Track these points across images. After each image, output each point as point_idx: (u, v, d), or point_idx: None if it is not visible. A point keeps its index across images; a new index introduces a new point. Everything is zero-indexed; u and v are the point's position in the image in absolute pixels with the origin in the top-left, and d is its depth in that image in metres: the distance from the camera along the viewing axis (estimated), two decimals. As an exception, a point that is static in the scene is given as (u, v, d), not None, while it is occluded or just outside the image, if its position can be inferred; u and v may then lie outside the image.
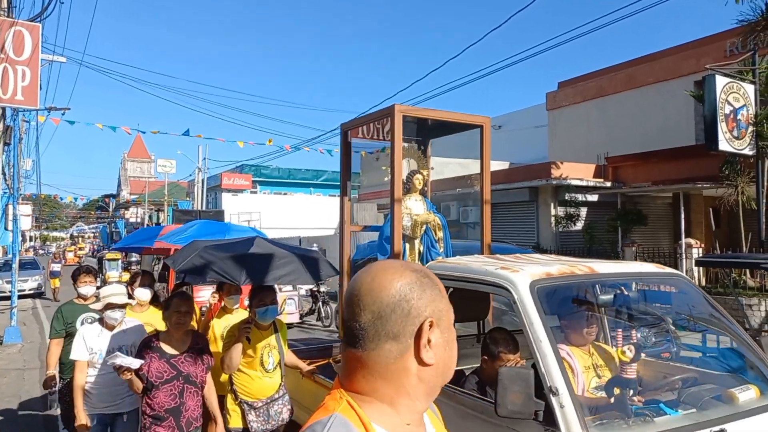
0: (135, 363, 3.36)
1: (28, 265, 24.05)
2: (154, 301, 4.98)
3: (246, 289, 4.39)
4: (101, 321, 4.16)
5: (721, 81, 13.90)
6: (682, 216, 16.12)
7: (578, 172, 17.58)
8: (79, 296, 4.91)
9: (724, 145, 13.59)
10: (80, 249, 59.60)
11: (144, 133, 18.92)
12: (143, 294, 4.83)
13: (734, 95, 14.12)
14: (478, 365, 3.33)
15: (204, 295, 8.82)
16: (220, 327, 4.73)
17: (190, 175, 37.51)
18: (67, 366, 4.57)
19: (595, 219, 17.11)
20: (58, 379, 4.64)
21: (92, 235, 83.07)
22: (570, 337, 3.24)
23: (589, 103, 19.56)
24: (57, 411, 4.72)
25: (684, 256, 15.17)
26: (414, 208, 5.11)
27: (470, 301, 3.72)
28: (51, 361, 4.70)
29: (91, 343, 4.03)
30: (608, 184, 17.67)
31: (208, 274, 3.73)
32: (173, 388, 3.49)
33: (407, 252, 4.83)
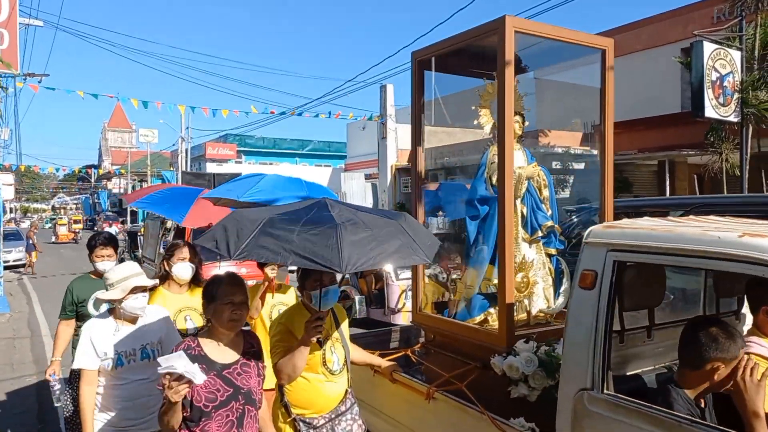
0: (199, 375, 2.32)
1: (11, 236, 24.04)
2: (195, 281, 4.00)
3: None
4: (112, 312, 3.21)
5: (708, 47, 14.07)
6: (668, 183, 16.47)
7: (566, 140, 17.71)
8: (96, 272, 4.11)
9: (710, 112, 13.84)
10: (75, 222, 45.48)
11: (126, 101, 18.80)
12: (185, 271, 3.90)
13: (721, 62, 14.31)
14: (661, 370, 2.88)
15: (218, 273, 8.33)
16: (268, 308, 4.20)
17: (173, 145, 37.26)
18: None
19: (581, 187, 17.39)
20: (59, 372, 4.01)
21: (74, 206, 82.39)
22: None
23: (577, 70, 19.56)
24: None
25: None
26: (516, 161, 3.85)
27: (646, 281, 2.83)
28: (58, 345, 4.15)
29: (102, 346, 3.10)
30: (595, 152, 17.85)
31: (288, 260, 2.46)
32: (230, 413, 2.55)
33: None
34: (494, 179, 3.83)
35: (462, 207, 4.05)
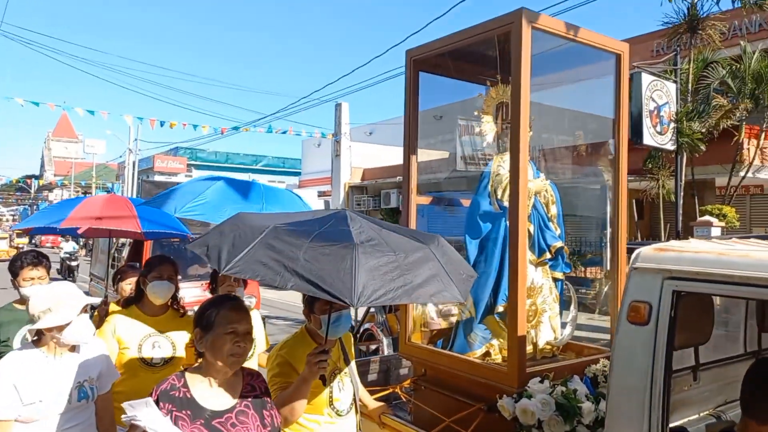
0: (169, 429, 1.87)
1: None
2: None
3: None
4: (40, 341, 2.44)
5: (646, 79, 14.31)
6: (608, 207, 16.60)
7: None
8: (23, 299, 3.08)
9: (648, 140, 14.01)
10: (18, 235, 34.32)
11: (70, 110, 17.50)
12: (163, 290, 3.20)
13: (658, 92, 14.55)
14: (709, 419, 2.45)
15: (187, 294, 6.41)
16: None
17: (121, 157, 35.42)
18: None
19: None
20: None
21: (11, 217, 77.37)
22: None
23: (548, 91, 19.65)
24: None
25: (608, 246, 15.63)
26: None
27: (697, 314, 2.31)
28: None
29: (26, 387, 2.31)
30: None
31: (288, 283, 1.92)
32: None
33: (509, 233, 3.17)
34: (500, 193, 3.31)
35: (459, 223, 3.50)
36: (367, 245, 2.02)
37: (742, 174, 14.75)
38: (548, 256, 3.29)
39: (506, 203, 3.34)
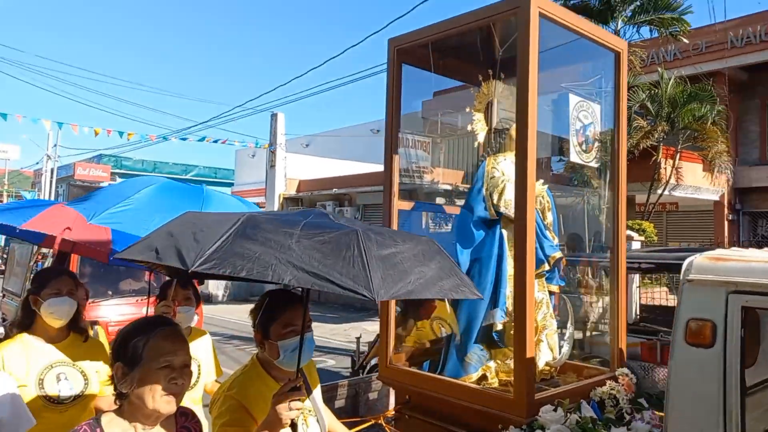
0: None
1: None
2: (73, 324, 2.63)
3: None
4: None
5: (573, 99, 14.70)
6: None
7: (449, 177, 17.77)
8: None
9: (574, 157, 14.38)
10: None
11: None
12: (61, 309, 2.52)
13: (584, 113, 14.98)
14: None
15: (108, 313, 5.84)
16: None
17: (38, 163, 32.78)
18: None
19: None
20: None
21: None
22: None
23: (461, 113, 19.88)
24: None
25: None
26: (514, 175, 3.15)
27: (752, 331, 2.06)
28: None
29: None
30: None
31: (285, 276, 1.52)
32: None
33: (506, 239, 2.98)
34: (496, 198, 2.95)
35: (447, 231, 3.11)
36: (369, 233, 1.65)
37: (659, 192, 15.38)
38: (546, 267, 2.96)
39: (503, 209, 3.00)
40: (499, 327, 2.78)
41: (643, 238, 14.23)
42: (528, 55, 2.57)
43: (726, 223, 15.55)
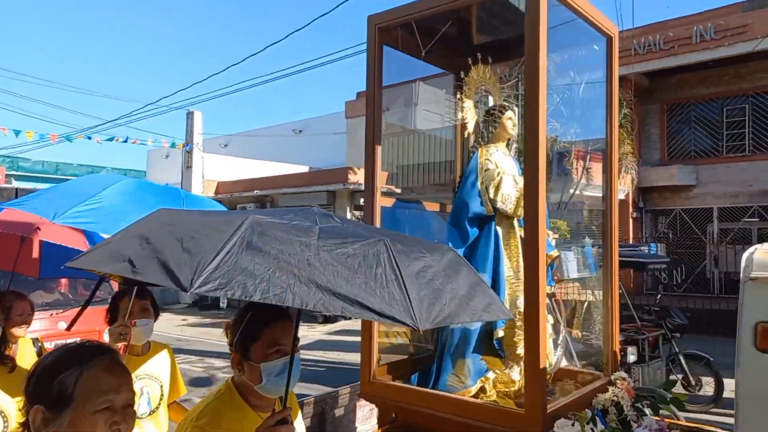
0: None
1: None
2: None
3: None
4: None
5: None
6: (459, 220, 17.30)
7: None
8: None
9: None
10: None
11: None
12: None
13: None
14: None
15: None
16: None
17: None
18: None
19: (388, 226, 17.23)
20: None
21: None
22: None
23: (384, 113, 19.83)
24: None
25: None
26: (508, 168, 2.98)
27: None
28: None
29: None
30: (399, 190, 18.08)
31: (309, 303, 1.17)
32: None
33: (501, 237, 2.75)
34: (492, 192, 2.69)
35: (435, 228, 2.81)
36: (396, 242, 1.36)
37: (571, 191, 15.96)
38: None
39: (500, 204, 2.75)
40: (500, 334, 2.52)
41: (557, 236, 14.78)
42: (537, 32, 2.33)
43: (631, 220, 16.43)
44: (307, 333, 13.01)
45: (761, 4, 14.06)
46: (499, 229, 2.79)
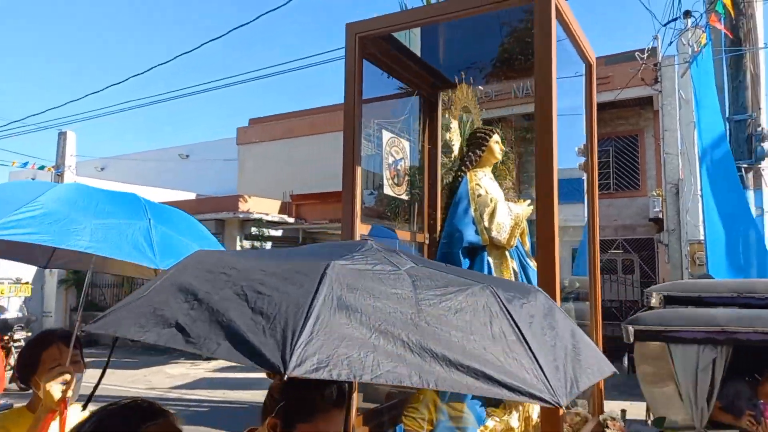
0: None
1: None
2: None
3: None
4: None
5: (386, 135, 15.34)
6: (352, 250, 17.27)
7: (264, 207, 17.21)
8: None
9: (387, 190, 14.90)
10: None
11: None
12: None
13: (395, 148, 15.64)
14: None
15: None
16: None
17: None
18: None
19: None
20: None
21: None
22: None
23: (278, 142, 19.37)
24: None
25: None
26: (497, 194, 2.82)
27: None
28: None
29: None
30: (291, 219, 17.71)
31: (443, 382, 0.90)
32: None
33: (493, 270, 2.52)
34: (487, 220, 2.52)
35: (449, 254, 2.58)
36: (497, 285, 1.12)
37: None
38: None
39: (494, 233, 2.57)
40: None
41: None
42: (549, 38, 2.13)
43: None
44: (189, 371, 12.09)
45: (619, 59, 15.72)
46: (490, 260, 2.60)
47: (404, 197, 17.99)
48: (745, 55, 7.68)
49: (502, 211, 2.70)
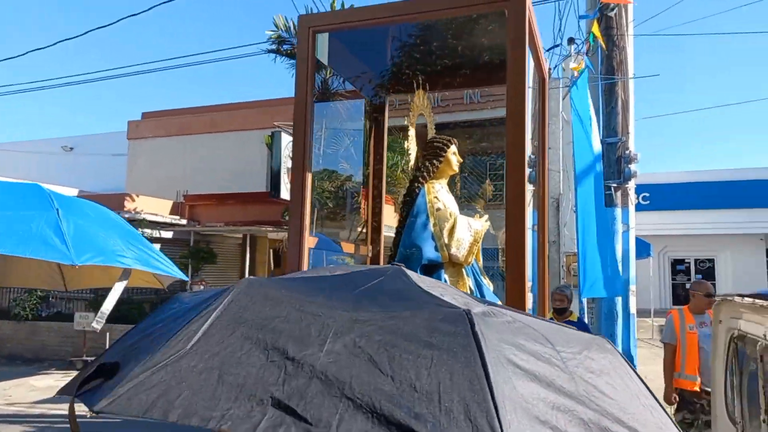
0: None
1: None
2: None
3: None
4: None
5: (285, 138, 15.21)
6: (248, 256, 16.64)
7: (154, 207, 16.17)
8: None
9: (285, 194, 14.63)
10: None
11: None
12: None
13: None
14: None
15: None
16: None
17: None
18: None
19: (168, 255, 15.83)
20: None
21: None
22: None
23: (172, 138, 18.29)
24: None
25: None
26: (454, 208, 2.65)
27: None
28: None
29: None
30: (184, 221, 16.82)
31: None
32: None
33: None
34: (446, 237, 2.33)
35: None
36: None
37: (359, 229, 16.53)
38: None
39: (454, 249, 2.37)
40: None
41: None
42: (522, 39, 2.08)
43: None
44: (58, 383, 11.03)
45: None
46: (446, 277, 2.44)
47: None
48: (617, 83, 8.26)
49: (462, 226, 2.55)
